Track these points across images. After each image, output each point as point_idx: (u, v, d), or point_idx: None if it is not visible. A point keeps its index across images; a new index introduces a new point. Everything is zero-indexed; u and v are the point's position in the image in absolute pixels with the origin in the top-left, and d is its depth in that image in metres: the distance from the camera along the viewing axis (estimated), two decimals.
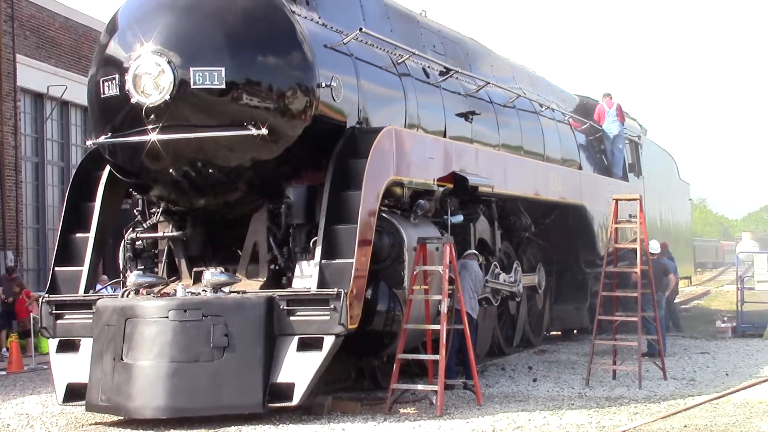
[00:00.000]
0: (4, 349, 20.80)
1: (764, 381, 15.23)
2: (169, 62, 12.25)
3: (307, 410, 12.27)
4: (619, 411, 12.73)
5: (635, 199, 17.29)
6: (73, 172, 14.86)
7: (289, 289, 12.55)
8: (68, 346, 13.21)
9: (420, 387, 13.14)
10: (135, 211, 13.97)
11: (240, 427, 11.62)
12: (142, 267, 13.66)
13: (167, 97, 12.25)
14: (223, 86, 12.33)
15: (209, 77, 12.28)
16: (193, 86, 12.26)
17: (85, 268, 13.56)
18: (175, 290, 12.71)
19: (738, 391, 14.25)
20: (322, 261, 12.28)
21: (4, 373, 18.80)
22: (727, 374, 16.29)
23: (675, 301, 26.02)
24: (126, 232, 13.88)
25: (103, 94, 12.84)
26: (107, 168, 13.76)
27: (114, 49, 12.93)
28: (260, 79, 12.65)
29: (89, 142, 13.48)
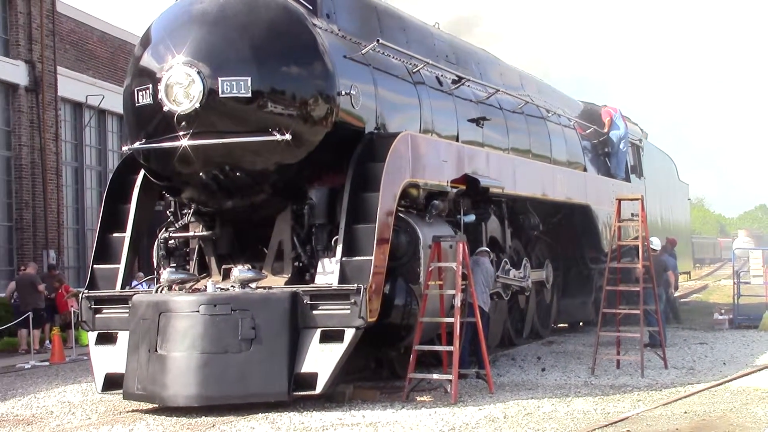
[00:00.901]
0: (47, 342, 20.86)
1: (760, 369, 15.19)
2: (198, 72, 12.27)
3: (330, 398, 12.26)
4: (623, 398, 12.68)
5: (637, 199, 17.24)
6: (110, 176, 14.88)
7: (312, 285, 12.55)
8: (106, 338, 13.24)
9: (435, 376, 13.12)
10: (167, 212, 13.99)
11: (267, 414, 11.62)
12: (175, 264, 13.67)
13: (197, 105, 12.27)
14: (250, 95, 12.34)
15: (236, 86, 12.29)
16: (221, 95, 12.28)
17: (121, 266, 13.59)
18: (206, 286, 12.71)
19: (735, 379, 14.21)
20: (343, 258, 12.27)
21: (47, 363, 18.87)
22: (724, 363, 16.21)
23: (675, 294, 25.89)
24: (159, 232, 13.92)
25: (138, 102, 12.87)
26: (142, 172, 13.79)
27: (147, 60, 12.96)
28: (284, 88, 12.65)
29: (125, 148, 13.51)
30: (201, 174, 12.68)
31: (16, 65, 24.60)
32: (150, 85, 12.64)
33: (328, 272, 12.54)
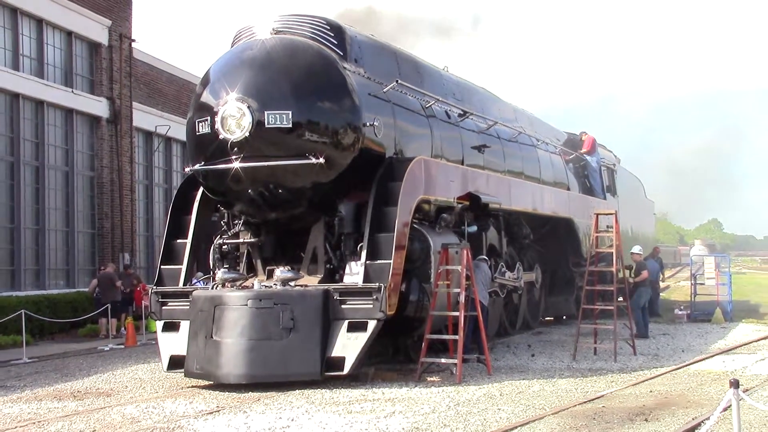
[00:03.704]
0: (123, 329, 20.91)
1: (712, 356, 15.06)
2: (248, 107, 12.28)
3: (355, 378, 12.21)
4: (599, 380, 12.58)
5: (611, 214, 17.17)
6: (175, 192, 14.90)
7: (341, 284, 12.51)
8: (171, 326, 13.24)
9: (443, 360, 13.04)
10: (222, 222, 13.98)
11: (303, 390, 11.58)
12: (227, 266, 13.66)
13: (247, 134, 12.29)
14: (290, 126, 12.34)
15: (279, 118, 12.29)
16: (267, 126, 12.28)
17: (183, 267, 13.61)
18: (253, 284, 12.71)
19: (692, 363, 14.11)
20: (367, 261, 12.24)
21: (122, 347, 18.91)
22: (683, 351, 16.07)
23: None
24: (215, 239, 13.91)
25: (198, 132, 12.89)
26: (201, 189, 13.81)
27: (206, 97, 12.98)
28: (319, 120, 12.65)
29: (187, 169, 13.51)
30: (249, 191, 12.67)
31: (99, 101, 24.73)
32: (208, 117, 12.66)
33: (354, 273, 12.51)
